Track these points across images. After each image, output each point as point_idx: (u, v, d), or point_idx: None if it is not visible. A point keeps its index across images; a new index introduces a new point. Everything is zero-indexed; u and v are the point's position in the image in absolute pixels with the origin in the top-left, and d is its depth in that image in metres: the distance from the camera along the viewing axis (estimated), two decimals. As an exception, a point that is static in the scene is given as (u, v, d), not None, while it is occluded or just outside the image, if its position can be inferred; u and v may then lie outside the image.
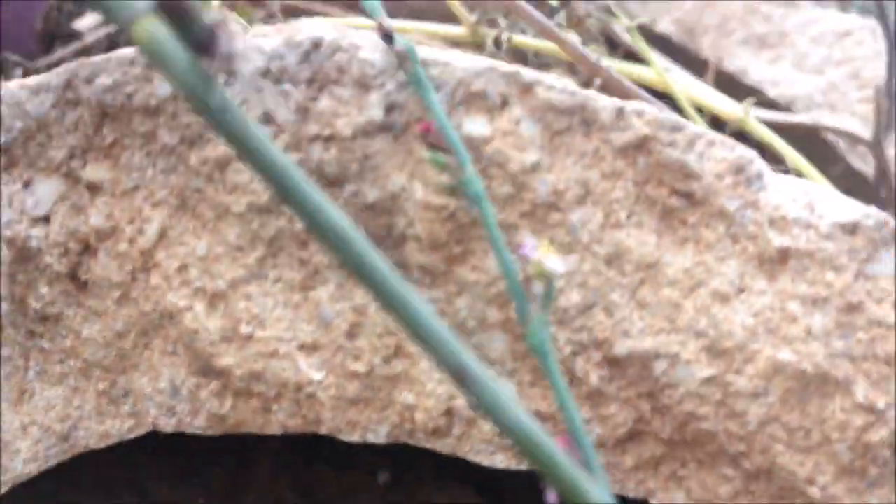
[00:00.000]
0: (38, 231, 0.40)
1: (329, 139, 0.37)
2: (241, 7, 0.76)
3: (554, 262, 0.30)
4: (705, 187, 0.37)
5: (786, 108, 0.81)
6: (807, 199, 0.37)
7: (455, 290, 0.37)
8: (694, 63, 0.84)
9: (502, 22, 0.68)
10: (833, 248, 0.36)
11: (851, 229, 0.36)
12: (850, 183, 0.79)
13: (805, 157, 0.71)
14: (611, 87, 0.64)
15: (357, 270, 0.24)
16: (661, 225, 0.37)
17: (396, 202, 0.37)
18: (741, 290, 0.37)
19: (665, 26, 0.88)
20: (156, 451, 0.52)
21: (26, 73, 0.73)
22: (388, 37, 0.37)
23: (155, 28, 0.24)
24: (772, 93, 0.82)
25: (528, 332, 0.30)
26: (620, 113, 0.37)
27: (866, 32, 0.87)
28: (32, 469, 0.40)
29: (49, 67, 0.75)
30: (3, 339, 0.40)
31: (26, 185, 0.40)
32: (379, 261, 0.24)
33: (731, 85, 0.81)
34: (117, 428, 0.40)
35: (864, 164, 0.78)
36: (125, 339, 0.39)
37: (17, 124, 0.40)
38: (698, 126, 0.37)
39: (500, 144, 0.36)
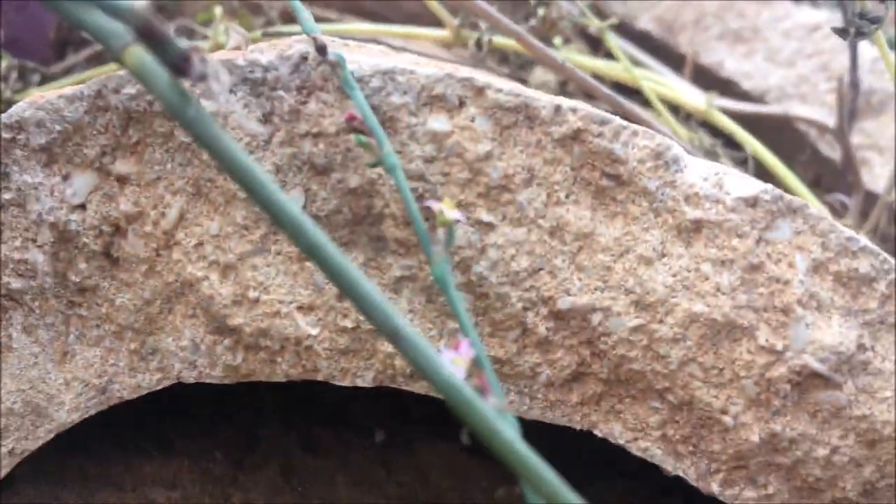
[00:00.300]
0: (76, 216, 0.47)
1: (317, 135, 0.46)
2: (242, 15, 0.84)
3: (453, 212, 0.40)
4: (630, 170, 0.46)
5: (759, 99, 0.87)
6: (716, 179, 0.46)
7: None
8: (673, 58, 0.90)
9: (483, 25, 0.76)
10: (737, 218, 0.45)
11: (752, 203, 0.45)
12: (819, 169, 0.86)
13: (776, 145, 0.78)
14: (577, 85, 0.73)
15: (308, 250, 0.30)
16: (595, 202, 0.46)
17: (374, 187, 0.46)
18: (662, 255, 0.46)
19: (645, 23, 0.93)
20: (180, 411, 0.61)
21: (43, 78, 0.82)
22: (321, 49, 0.44)
23: (141, 54, 0.30)
24: (746, 85, 0.88)
25: (432, 266, 0.39)
26: (558, 110, 0.46)
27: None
28: (75, 418, 0.49)
29: (63, 72, 0.84)
30: (48, 308, 0.49)
31: (65, 178, 0.47)
32: (327, 241, 0.30)
33: (708, 78, 0.88)
34: (147, 381, 0.49)
35: (832, 152, 0.83)
36: (152, 305, 0.48)
37: (57, 127, 0.47)
38: (622, 120, 0.46)
39: (458, 138, 0.45)
